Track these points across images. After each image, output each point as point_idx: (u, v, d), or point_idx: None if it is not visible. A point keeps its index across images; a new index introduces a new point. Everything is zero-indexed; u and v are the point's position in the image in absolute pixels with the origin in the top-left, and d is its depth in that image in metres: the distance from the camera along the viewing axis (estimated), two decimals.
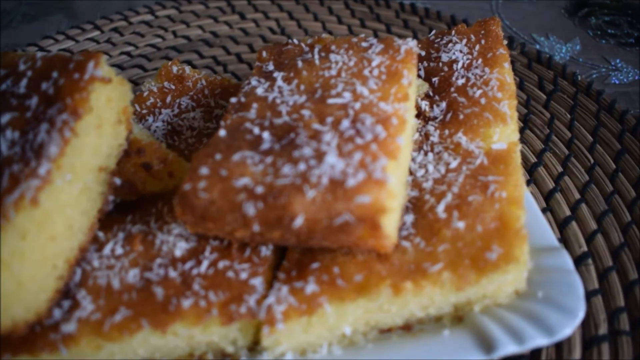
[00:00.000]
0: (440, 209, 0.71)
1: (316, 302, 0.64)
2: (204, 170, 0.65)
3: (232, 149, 0.68)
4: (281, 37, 1.33)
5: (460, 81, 0.86)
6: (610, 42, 1.35)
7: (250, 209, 0.62)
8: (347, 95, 0.73)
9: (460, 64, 0.89)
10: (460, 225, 0.69)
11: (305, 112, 0.72)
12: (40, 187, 0.62)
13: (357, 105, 0.72)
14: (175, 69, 0.92)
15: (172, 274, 0.67)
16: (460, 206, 0.71)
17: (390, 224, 0.63)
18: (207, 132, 0.87)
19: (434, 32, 0.96)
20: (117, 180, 0.75)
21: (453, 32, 0.94)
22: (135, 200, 0.78)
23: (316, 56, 0.81)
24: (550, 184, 0.98)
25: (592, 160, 1.01)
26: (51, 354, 0.63)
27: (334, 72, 0.78)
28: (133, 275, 0.68)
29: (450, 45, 0.91)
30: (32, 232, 0.62)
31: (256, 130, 0.70)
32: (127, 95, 0.76)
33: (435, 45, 0.93)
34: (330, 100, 0.73)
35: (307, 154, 0.65)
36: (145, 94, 0.92)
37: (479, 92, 0.84)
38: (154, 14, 1.44)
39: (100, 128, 0.72)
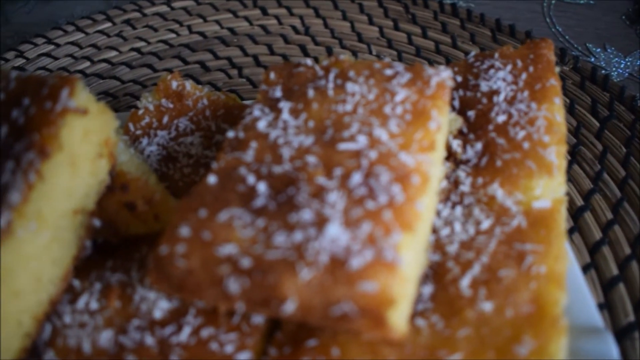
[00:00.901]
0: (465, 283, 0.60)
1: None
2: (185, 231, 0.55)
3: (219, 203, 0.58)
4: (304, 38, 1.21)
5: (501, 117, 0.73)
6: None
7: (233, 286, 0.52)
8: (362, 140, 0.62)
9: (502, 96, 0.75)
10: (487, 306, 0.58)
11: (311, 159, 0.61)
12: (1, 240, 0.54)
13: (373, 154, 0.60)
14: (175, 84, 0.82)
15: (149, 340, 0.59)
16: (489, 282, 0.59)
17: (400, 315, 0.52)
18: (205, 160, 0.77)
19: (472, 54, 0.81)
20: (97, 222, 0.66)
21: (496, 54, 0.80)
22: (116, 242, 0.69)
23: (330, 84, 0.69)
24: (598, 234, 0.85)
25: None
26: None
27: (349, 107, 0.66)
28: (107, 338, 0.60)
29: (491, 71, 0.78)
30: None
31: (251, 179, 0.60)
32: (111, 124, 0.66)
33: (474, 70, 0.79)
34: (342, 146, 0.61)
35: (307, 219, 0.54)
36: (141, 112, 0.82)
37: (522, 133, 0.71)
38: (170, 4, 1.33)
39: (74, 166, 0.63)
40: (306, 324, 0.56)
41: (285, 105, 0.68)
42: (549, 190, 0.67)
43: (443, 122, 0.65)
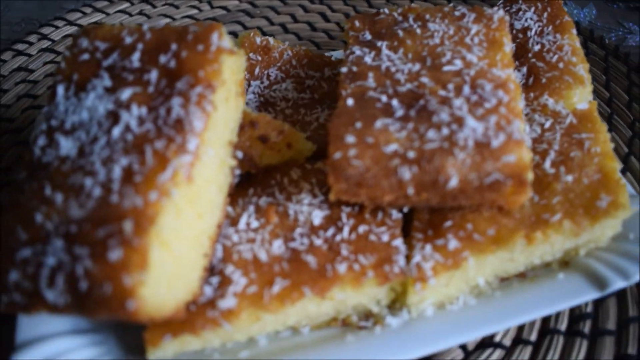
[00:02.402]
0: (547, 165, 0.78)
1: (460, 256, 0.69)
2: (350, 139, 0.68)
3: (369, 117, 0.70)
4: (321, 6, 1.33)
5: (536, 47, 0.93)
6: (621, 6, 1.46)
7: (405, 174, 0.66)
8: (458, 63, 0.77)
9: (533, 31, 0.95)
10: (569, 178, 0.76)
11: (425, 80, 0.75)
12: (193, 162, 0.63)
13: (472, 72, 0.76)
14: (258, 39, 0.92)
15: (317, 241, 0.70)
16: (564, 162, 0.78)
17: (531, 176, 0.68)
18: (303, 102, 0.88)
19: (501, 1, 1.01)
20: (239, 154, 0.76)
21: (520, 0, 0.99)
22: (248, 174, 0.79)
23: (415, 25, 0.84)
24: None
25: (631, 117, 1.11)
26: (214, 330, 0.64)
27: (437, 41, 0.81)
28: (278, 246, 0.70)
29: (520, 13, 0.97)
30: (185, 210, 0.63)
31: (384, 98, 0.73)
32: (244, 66, 0.76)
33: (506, 14, 0.98)
34: (446, 68, 0.77)
35: (446, 119, 0.69)
36: None
37: (556, 57, 0.91)
38: None
39: (227, 101, 0.72)
40: (451, 203, 0.70)
41: (382, 44, 0.82)
42: (583, 96, 0.88)
43: (511, 46, 0.82)
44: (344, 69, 0.79)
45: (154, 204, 0.58)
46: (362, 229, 0.72)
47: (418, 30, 0.83)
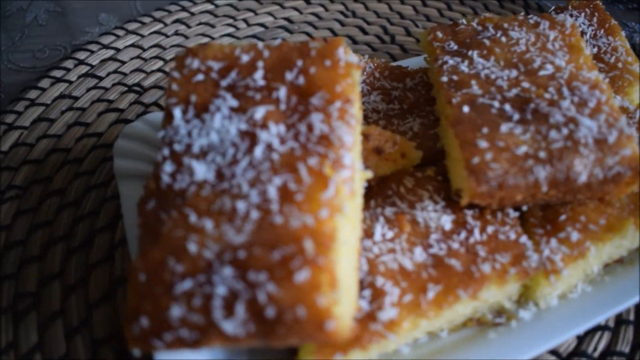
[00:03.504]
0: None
1: (583, 246, 0.74)
2: (483, 144, 0.71)
3: (491, 122, 0.74)
4: (356, 20, 1.36)
5: (594, 50, 1.00)
6: (621, 7, 1.59)
7: (540, 173, 0.69)
8: (550, 67, 0.83)
9: (588, 35, 1.02)
10: None
11: (526, 85, 0.80)
12: (352, 177, 0.63)
13: (565, 75, 0.81)
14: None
15: (454, 245, 0.72)
16: None
17: None
18: (393, 113, 0.91)
19: (553, 7, 1.08)
20: (362, 166, 0.77)
21: (570, 7, 1.07)
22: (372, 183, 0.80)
23: (497, 34, 0.89)
24: None
25: None
26: (379, 342, 0.65)
27: (523, 48, 0.86)
28: (419, 253, 0.71)
29: (573, 19, 1.04)
30: (351, 224, 0.64)
31: (495, 104, 0.77)
32: (359, 78, 0.77)
33: None
34: (541, 73, 0.82)
35: (561, 120, 0.74)
36: None
37: (613, 57, 0.98)
38: (213, 2, 1.38)
39: (359, 113, 0.73)
40: (568, 198, 0.74)
41: (473, 52, 0.86)
42: None
43: (590, 49, 0.89)
44: (444, 78, 0.83)
45: (328, 220, 0.59)
46: (490, 229, 0.75)
47: (503, 39, 0.87)
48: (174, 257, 0.60)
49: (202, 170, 0.66)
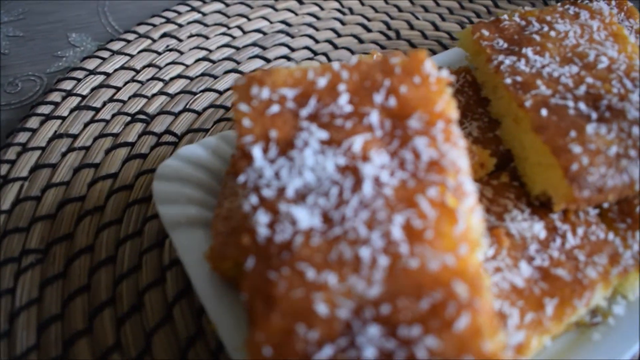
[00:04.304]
0: None
1: None
2: (577, 149, 0.69)
3: (575, 125, 0.72)
4: (357, 17, 1.29)
5: None
6: None
7: (635, 172, 0.69)
8: (605, 60, 0.82)
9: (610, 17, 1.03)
10: None
11: (590, 80, 0.79)
12: (476, 203, 0.59)
13: (621, 67, 0.81)
14: None
15: (555, 254, 0.70)
16: None
17: None
18: None
19: None
20: None
21: None
22: None
23: (545, 28, 0.87)
24: None
25: None
26: None
27: (573, 41, 0.85)
28: (525, 268, 0.69)
29: (594, 4, 1.04)
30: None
31: (570, 103, 0.75)
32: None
33: (582, 2, 1.05)
34: (600, 66, 0.81)
35: (636, 115, 0.73)
36: None
37: (637, 41, 1.00)
38: (200, 10, 1.26)
39: None
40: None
41: (527, 50, 0.83)
42: None
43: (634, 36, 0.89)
44: (507, 80, 0.80)
45: (470, 257, 0.54)
46: (580, 231, 0.73)
47: (552, 33, 0.86)
48: (302, 322, 0.53)
49: (305, 217, 0.58)
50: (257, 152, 0.62)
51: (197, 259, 0.73)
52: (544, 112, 0.74)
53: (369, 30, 1.27)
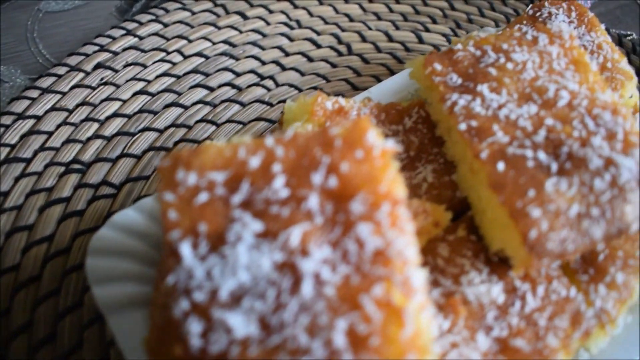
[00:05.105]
0: None
1: (630, 286, 0.73)
2: (536, 213, 0.64)
3: (533, 181, 0.67)
4: (303, 31, 1.21)
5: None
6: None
7: (597, 233, 0.64)
8: (565, 95, 0.76)
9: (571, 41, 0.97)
10: None
11: (550, 122, 0.73)
12: (427, 302, 0.54)
13: (583, 102, 0.76)
14: (329, 104, 0.81)
15: (514, 321, 0.67)
16: None
17: None
18: (402, 164, 0.81)
19: (530, 6, 1.01)
20: None
21: (546, 3, 1.00)
22: None
23: (501, 59, 0.80)
24: None
25: None
26: None
27: (532, 73, 0.79)
28: (482, 341, 0.65)
29: (552, 17, 0.98)
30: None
31: (528, 153, 0.70)
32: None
33: (540, 19, 0.99)
34: (560, 104, 0.75)
35: (599, 163, 0.68)
36: None
37: (601, 57, 0.95)
38: (136, 34, 1.15)
39: None
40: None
41: (482, 87, 0.77)
42: (633, 90, 0.94)
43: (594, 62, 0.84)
44: (462, 126, 0.74)
45: None
46: (540, 290, 0.70)
47: (509, 65, 0.79)
48: None
49: (241, 324, 0.53)
50: (185, 249, 0.57)
51: (137, 345, 0.68)
52: (500, 166, 0.69)
53: (318, 45, 1.18)
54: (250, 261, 0.55)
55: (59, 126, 1.00)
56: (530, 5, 1.01)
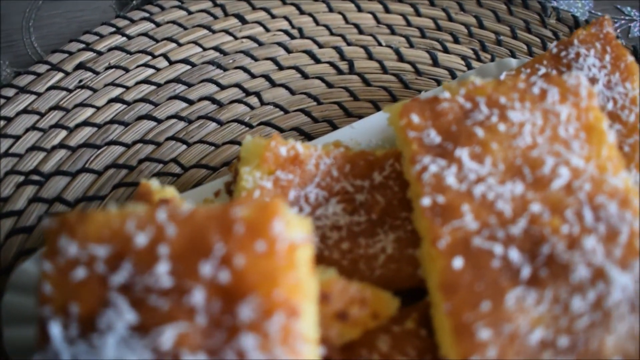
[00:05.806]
0: None
1: None
2: (485, 334, 0.52)
3: (493, 289, 0.54)
4: (304, 41, 1.09)
5: (610, 105, 0.78)
6: None
7: None
8: (565, 173, 0.62)
9: (601, 83, 0.79)
10: None
11: (536, 208, 0.59)
12: None
13: (585, 186, 0.61)
14: (284, 150, 0.70)
15: None
16: None
17: None
18: (360, 228, 0.69)
19: (554, 44, 0.84)
20: (322, 349, 0.58)
21: (575, 41, 0.83)
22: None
23: (494, 117, 0.66)
24: None
25: None
26: None
27: (528, 140, 0.64)
28: None
29: (581, 60, 0.81)
30: None
31: (497, 249, 0.57)
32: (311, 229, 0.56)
33: (564, 60, 0.82)
34: (554, 185, 0.61)
35: (585, 274, 0.55)
36: (249, 192, 0.69)
37: (633, 115, 0.77)
38: (125, 33, 1.09)
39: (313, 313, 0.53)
40: None
41: (462, 152, 0.64)
42: None
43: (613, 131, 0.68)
44: (425, 201, 0.61)
45: None
46: None
47: (501, 127, 0.65)
48: None
49: None
50: (55, 330, 0.50)
51: None
52: (458, 262, 0.56)
53: (317, 60, 1.06)
54: (117, 357, 0.47)
55: (27, 130, 0.95)
56: (555, 43, 0.84)
